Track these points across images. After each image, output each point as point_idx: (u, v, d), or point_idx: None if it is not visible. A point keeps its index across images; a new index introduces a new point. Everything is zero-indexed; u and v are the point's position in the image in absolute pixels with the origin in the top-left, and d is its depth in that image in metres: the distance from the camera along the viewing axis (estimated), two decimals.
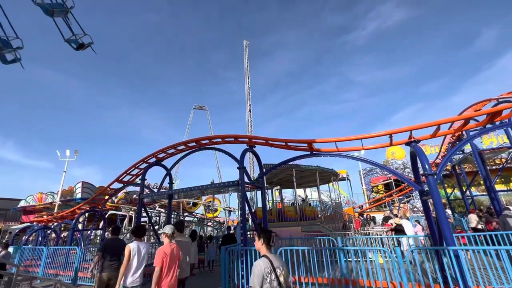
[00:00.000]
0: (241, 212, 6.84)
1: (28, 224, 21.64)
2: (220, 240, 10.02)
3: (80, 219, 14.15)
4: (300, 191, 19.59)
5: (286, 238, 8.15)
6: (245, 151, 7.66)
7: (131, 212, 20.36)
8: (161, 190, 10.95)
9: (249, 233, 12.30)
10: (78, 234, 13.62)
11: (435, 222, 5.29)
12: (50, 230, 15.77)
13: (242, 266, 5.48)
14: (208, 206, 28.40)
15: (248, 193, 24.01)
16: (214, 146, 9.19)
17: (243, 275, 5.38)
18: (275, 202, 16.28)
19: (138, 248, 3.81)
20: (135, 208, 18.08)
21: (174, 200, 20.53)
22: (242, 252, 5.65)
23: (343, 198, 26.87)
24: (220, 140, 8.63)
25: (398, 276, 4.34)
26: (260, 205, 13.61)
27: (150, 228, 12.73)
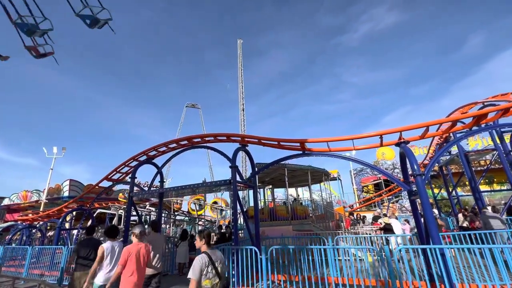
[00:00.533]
0: (232, 211, 6.82)
1: (12, 222, 20.93)
2: None
3: (67, 218, 13.79)
4: (292, 191, 19.71)
5: (277, 237, 8.18)
6: (237, 150, 7.64)
7: (121, 211, 20.00)
8: (151, 188, 10.79)
9: (240, 232, 12.30)
10: (64, 233, 13.28)
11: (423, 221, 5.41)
12: (35, 229, 15.30)
13: (233, 266, 5.46)
14: (200, 205, 28.23)
15: (240, 192, 23.93)
16: (206, 145, 9.11)
17: (234, 274, 5.37)
18: (267, 201, 16.32)
19: (112, 247, 3.97)
20: (125, 207, 17.77)
21: (165, 199, 20.30)
22: (233, 251, 5.63)
23: (334, 198, 27.22)
24: (212, 138, 8.57)
25: (386, 274, 4.42)
26: (252, 204, 13.65)
27: None
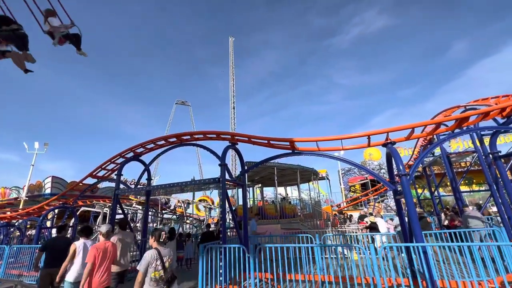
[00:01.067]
0: (221, 209, 6.77)
1: None
2: (199, 237, 9.87)
3: (48, 216, 13.26)
4: (281, 189, 19.83)
5: (265, 236, 8.21)
6: (227, 148, 7.58)
7: (106, 209, 19.47)
8: (138, 186, 10.56)
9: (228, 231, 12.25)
10: (45, 231, 12.78)
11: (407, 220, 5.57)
12: (13, 228, 14.63)
13: (221, 264, 5.43)
14: (188, 203, 27.87)
15: (229, 190, 23.81)
16: (195, 142, 8.99)
17: (221, 273, 5.33)
18: (256, 200, 16.35)
19: (84, 246, 4.08)
20: (110, 205, 17.30)
21: (152, 197, 19.93)
22: (221, 249, 5.60)
23: (322, 197, 27.61)
24: (202, 136, 8.46)
25: (371, 271, 4.52)
26: (241, 202, 13.61)
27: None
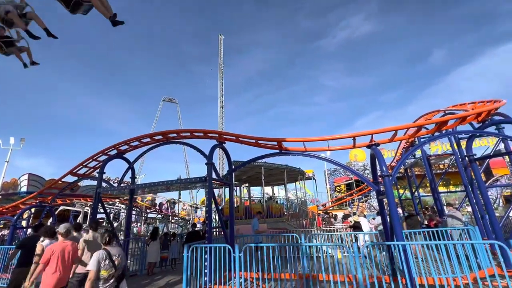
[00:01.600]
0: (207, 209, 6.70)
1: None
2: (184, 237, 9.72)
3: (24, 215, 12.59)
4: (268, 189, 19.92)
5: (251, 235, 8.21)
6: (214, 147, 7.52)
7: (87, 208, 18.75)
8: (122, 184, 10.26)
9: (215, 230, 12.16)
10: (20, 232, 12.13)
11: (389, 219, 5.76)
12: None
13: (206, 264, 5.37)
14: (174, 203, 27.39)
15: (216, 190, 23.61)
16: (182, 141, 8.84)
17: (206, 273, 5.28)
18: (243, 199, 16.33)
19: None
20: (91, 203, 16.69)
21: (137, 196, 19.43)
22: (206, 249, 5.54)
23: (309, 197, 28.00)
24: (189, 134, 8.33)
25: (354, 269, 4.63)
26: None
27: (108, 225, 11.86)
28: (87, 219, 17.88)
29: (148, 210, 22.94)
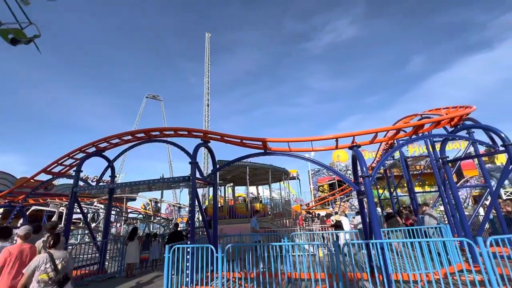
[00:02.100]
0: (190, 208, 6.60)
1: None
2: (166, 237, 9.50)
3: None
4: (252, 189, 19.95)
5: (235, 235, 8.19)
6: (198, 146, 7.42)
7: (62, 208, 17.82)
8: (100, 183, 9.85)
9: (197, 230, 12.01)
10: None
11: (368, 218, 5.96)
12: None
13: (188, 265, 5.29)
14: (156, 203, 26.70)
15: (200, 189, 23.23)
16: (165, 139, 8.65)
17: (188, 274, 5.20)
18: (228, 199, 16.24)
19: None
20: (67, 203, 15.89)
21: (116, 195, 18.73)
22: (188, 250, 5.45)
23: (292, 196, 28.38)
24: (172, 133, 8.16)
25: (334, 267, 4.76)
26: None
27: (85, 226, 11.34)
28: (62, 220, 17.02)
29: (128, 210, 22.19)
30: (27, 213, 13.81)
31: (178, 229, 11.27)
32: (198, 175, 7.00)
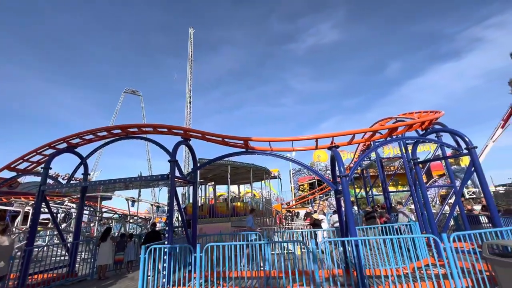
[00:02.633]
0: (168, 208, 6.43)
1: None
2: (143, 238, 9.18)
3: None
4: (234, 188, 19.88)
5: (214, 234, 8.13)
6: (178, 144, 7.25)
7: (28, 207, 16.62)
8: (72, 181, 9.30)
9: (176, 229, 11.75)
10: None
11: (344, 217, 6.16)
12: None
13: (164, 265, 5.16)
14: (133, 202, 25.72)
15: (181, 188, 22.65)
16: (144, 136, 8.35)
17: (165, 275, 5.07)
18: (208, 198, 16.06)
19: None
20: (33, 202, 14.84)
21: (87, 194, 17.84)
22: (166, 250, 5.31)
23: (274, 195, 28.67)
24: (151, 129, 7.90)
25: (311, 265, 4.87)
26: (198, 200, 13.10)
27: (54, 227, 10.66)
28: (28, 221, 15.86)
29: (103, 209, 21.19)
30: None
31: (156, 229, 10.95)
32: (177, 174, 6.85)
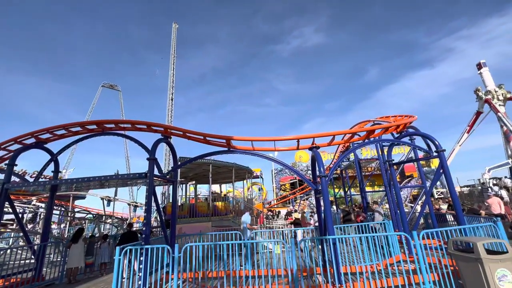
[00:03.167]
0: (146, 207, 6.21)
1: None
2: (118, 239, 8.81)
3: None
4: (215, 187, 19.66)
5: (194, 234, 8.00)
6: (158, 141, 7.03)
7: None
8: (41, 179, 8.71)
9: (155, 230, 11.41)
10: None
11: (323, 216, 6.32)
12: None
13: (140, 267, 4.98)
14: (109, 201, 24.62)
15: (161, 187, 22.00)
16: (121, 132, 8.01)
17: (140, 277, 4.90)
18: (189, 197, 15.76)
19: None
20: None
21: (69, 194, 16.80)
22: (142, 251, 5.13)
23: (255, 195, 28.75)
24: (129, 126, 7.59)
25: (290, 263, 4.94)
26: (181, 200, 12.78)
27: (18, 228, 9.91)
28: None
29: (75, 209, 20.07)
30: None
31: (133, 229, 10.55)
32: (156, 172, 6.64)
